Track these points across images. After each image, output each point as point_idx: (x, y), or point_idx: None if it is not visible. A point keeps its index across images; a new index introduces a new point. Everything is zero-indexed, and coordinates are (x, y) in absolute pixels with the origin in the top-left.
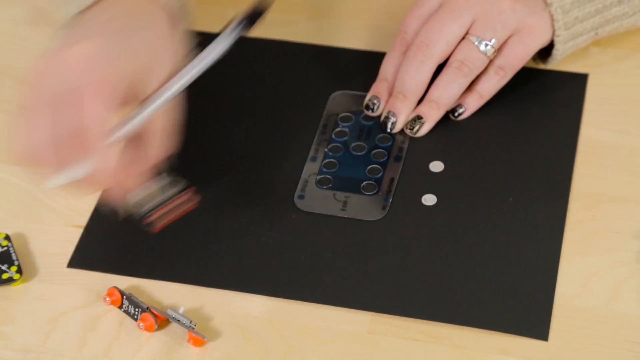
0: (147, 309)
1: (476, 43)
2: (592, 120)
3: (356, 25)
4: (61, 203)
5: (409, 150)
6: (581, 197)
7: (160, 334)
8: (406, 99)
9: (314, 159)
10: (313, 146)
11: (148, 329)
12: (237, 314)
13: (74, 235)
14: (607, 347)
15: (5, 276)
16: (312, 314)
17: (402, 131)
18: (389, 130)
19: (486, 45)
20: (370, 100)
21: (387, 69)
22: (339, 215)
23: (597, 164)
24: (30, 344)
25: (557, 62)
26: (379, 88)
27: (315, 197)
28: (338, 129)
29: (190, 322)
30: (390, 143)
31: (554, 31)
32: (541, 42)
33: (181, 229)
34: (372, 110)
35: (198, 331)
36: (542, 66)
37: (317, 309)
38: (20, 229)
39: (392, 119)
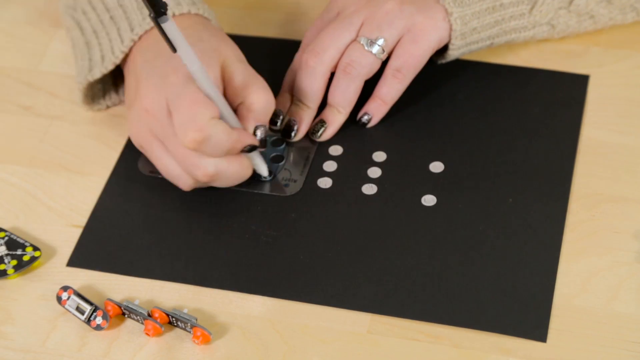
0: (148, 316)
1: (362, 43)
2: (593, 121)
3: None
4: (61, 203)
5: (409, 151)
6: (581, 197)
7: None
8: (305, 106)
9: None
10: None
11: (155, 335)
12: (237, 314)
13: (74, 235)
14: (607, 347)
15: (26, 258)
16: (312, 314)
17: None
18: (292, 137)
19: (372, 44)
20: (274, 115)
21: (286, 80)
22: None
23: (597, 164)
24: (30, 344)
25: (555, 63)
26: (279, 101)
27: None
28: None
29: (196, 320)
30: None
31: (450, 31)
32: (435, 40)
33: (181, 229)
34: (276, 124)
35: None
36: (441, 61)
37: (317, 309)
38: (20, 229)
39: (295, 127)
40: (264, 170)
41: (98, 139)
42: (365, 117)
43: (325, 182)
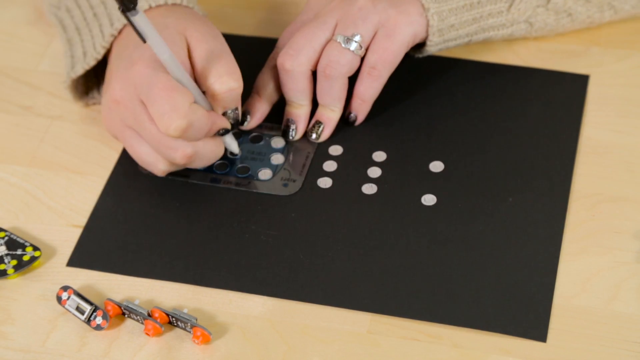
0: (148, 316)
1: (339, 41)
2: (593, 121)
3: None
4: (61, 203)
5: (409, 151)
6: (581, 197)
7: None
8: (297, 104)
9: None
10: None
11: (155, 335)
12: (237, 314)
13: (74, 235)
14: (607, 347)
15: (26, 258)
16: (312, 314)
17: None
18: (292, 137)
19: (348, 41)
20: (242, 115)
21: (257, 82)
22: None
23: (597, 164)
24: (30, 344)
25: (555, 63)
26: (249, 102)
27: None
28: None
29: (196, 320)
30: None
31: (427, 26)
32: (409, 34)
33: (181, 229)
34: (242, 124)
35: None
36: (419, 55)
37: (317, 309)
38: (20, 229)
39: (292, 127)
40: (234, 148)
41: (98, 139)
42: (351, 116)
43: (325, 182)
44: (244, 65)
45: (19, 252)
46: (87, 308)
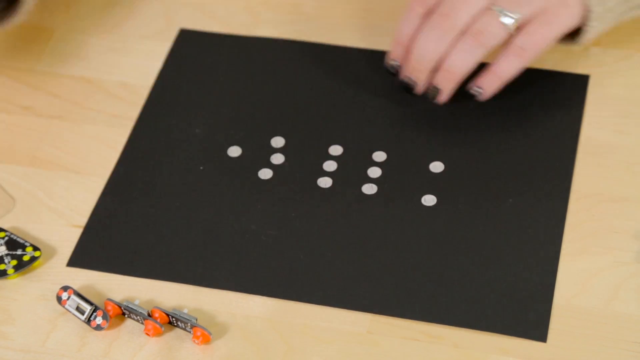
0: (148, 316)
1: (498, 13)
2: (593, 121)
3: (358, 24)
4: (61, 203)
5: (409, 151)
6: (581, 197)
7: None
8: (423, 67)
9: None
10: None
11: (155, 335)
12: (237, 314)
13: (74, 235)
14: (607, 347)
15: (26, 258)
16: (312, 314)
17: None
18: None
19: (507, 17)
20: (390, 65)
21: (404, 31)
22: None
23: (597, 164)
24: (30, 344)
25: (556, 63)
26: (397, 52)
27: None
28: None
29: (196, 320)
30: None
31: (587, 15)
32: (567, 27)
33: (181, 229)
34: (394, 74)
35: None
36: (573, 46)
37: (317, 309)
38: (20, 229)
39: (413, 87)
40: None
41: (98, 139)
42: (477, 90)
43: (325, 182)
44: (258, 67)
45: (19, 252)
46: (87, 308)
